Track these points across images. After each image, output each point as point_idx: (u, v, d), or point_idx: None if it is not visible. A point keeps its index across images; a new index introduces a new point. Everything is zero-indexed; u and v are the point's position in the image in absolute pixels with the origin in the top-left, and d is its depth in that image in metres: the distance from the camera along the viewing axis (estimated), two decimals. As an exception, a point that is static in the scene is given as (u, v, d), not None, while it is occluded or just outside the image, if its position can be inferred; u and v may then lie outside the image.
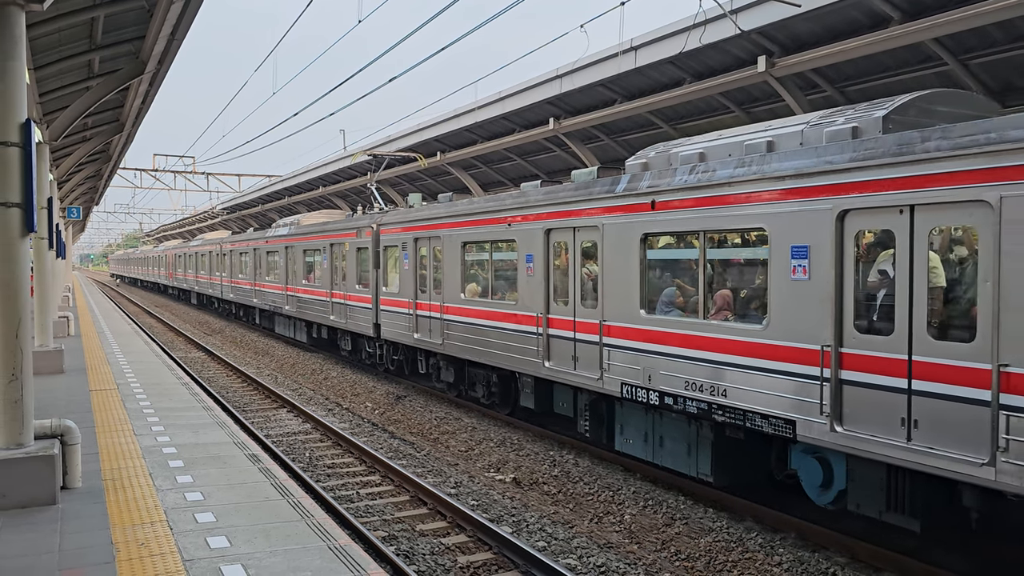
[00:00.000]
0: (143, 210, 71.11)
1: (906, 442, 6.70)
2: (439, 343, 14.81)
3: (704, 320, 8.90)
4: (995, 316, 6.07)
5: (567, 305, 11.20)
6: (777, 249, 7.94)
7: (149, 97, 15.45)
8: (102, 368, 15.68)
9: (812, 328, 7.53)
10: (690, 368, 8.98)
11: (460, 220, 14.06)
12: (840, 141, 7.58)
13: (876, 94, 13.15)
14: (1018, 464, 5.87)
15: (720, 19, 11.96)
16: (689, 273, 9.39)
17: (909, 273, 6.75)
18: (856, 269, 7.25)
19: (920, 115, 7.66)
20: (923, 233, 6.67)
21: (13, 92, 6.93)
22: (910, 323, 6.74)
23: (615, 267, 10.13)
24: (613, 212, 10.11)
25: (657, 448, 9.96)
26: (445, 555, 7.97)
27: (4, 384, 6.91)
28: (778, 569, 7.66)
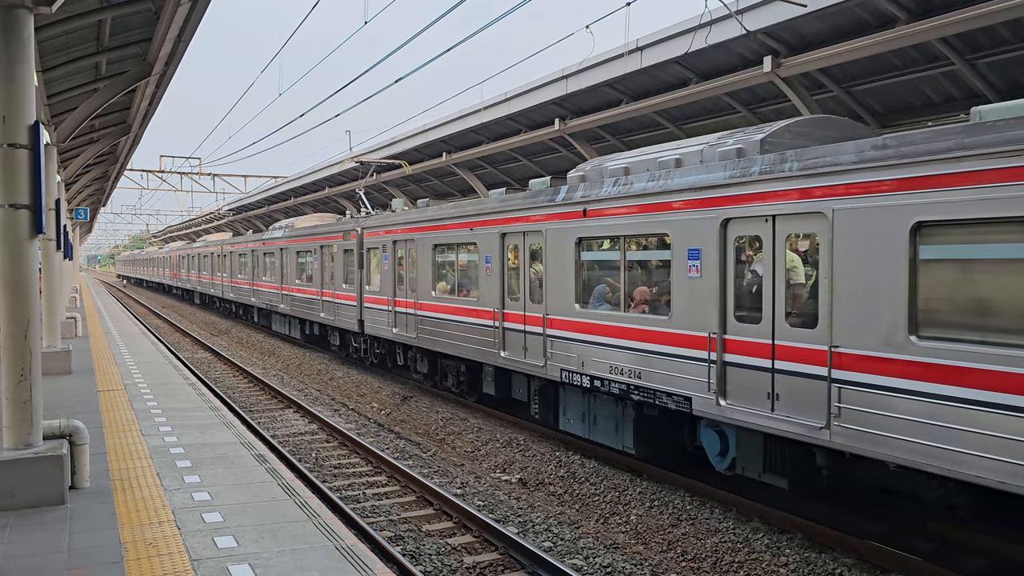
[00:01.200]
0: (150, 211, 71.40)
1: (771, 412, 8.05)
2: (414, 337, 16.07)
3: (625, 313, 10.25)
4: (830, 306, 7.41)
5: (518, 301, 12.51)
6: (677, 251, 9.27)
7: (156, 99, 15.50)
8: (109, 369, 15.74)
9: (703, 318, 8.87)
10: (614, 355, 10.29)
11: (431, 225, 15.40)
12: (726, 160, 8.85)
13: (883, 94, 13.13)
14: (847, 427, 7.26)
15: (726, 19, 11.94)
16: (615, 272, 10.61)
17: (772, 272, 8.08)
18: (736, 268, 8.61)
19: (794, 138, 8.86)
20: (782, 239, 8.01)
21: (22, 94, 6.97)
22: (773, 313, 8.07)
23: (556, 267, 11.45)
24: (554, 219, 11.45)
25: (592, 426, 11.28)
26: (451, 555, 7.98)
27: (13, 385, 6.94)
28: (784, 570, 7.65)
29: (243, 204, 47.47)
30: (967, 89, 12.03)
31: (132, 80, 12.86)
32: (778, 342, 7.96)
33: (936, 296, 6.71)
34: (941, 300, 6.71)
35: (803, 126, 9.10)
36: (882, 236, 6.97)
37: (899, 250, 6.82)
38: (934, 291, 6.70)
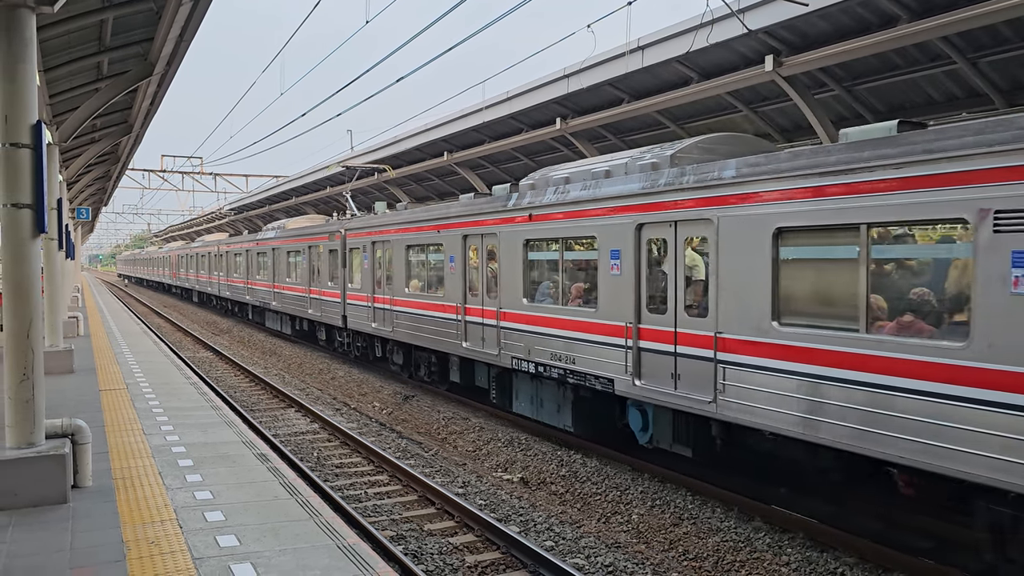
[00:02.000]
0: (151, 211, 71.46)
1: (674, 390, 9.40)
2: (390, 331, 17.42)
3: (563, 306, 11.57)
4: (716, 298, 8.76)
5: (477, 297, 13.78)
6: (603, 252, 10.58)
7: (157, 98, 15.52)
8: (111, 368, 15.76)
9: (623, 310, 10.23)
10: (555, 343, 11.61)
11: (405, 227, 16.68)
12: (642, 173, 10.11)
13: (885, 93, 13.13)
14: (728, 401, 8.62)
15: (727, 18, 11.94)
16: (556, 270, 11.89)
17: (675, 270, 9.44)
18: (648, 267, 9.99)
19: (701, 154, 9.97)
20: (682, 241, 9.35)
21: (24, 94, 6.98)
22: (676, 305, 9.43)
23: (508, 266, 12.74)
24: (506, 222, 12.75)
25: (539, 408, 12.57)
26: (453, 554, 7.99)
27: (15, 384, 6.95)
28: (786, 569, 7.65)
29: (244, 204, 47.52)
30: (969, 88, 12.03)
31: (134, 80, 12.87)
32: (679, 329, 9.38)
33: (792, 289, 8.10)
34: (795, 292, 8.11)
35: (710, 143, 10.25)
36: (753, 239, 8.29)
37: (765, 251, 8.16)
38: (790, 285, 8.10)
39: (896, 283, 7.27)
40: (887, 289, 7.25)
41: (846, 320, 7.38)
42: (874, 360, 7.06)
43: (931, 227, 7.04)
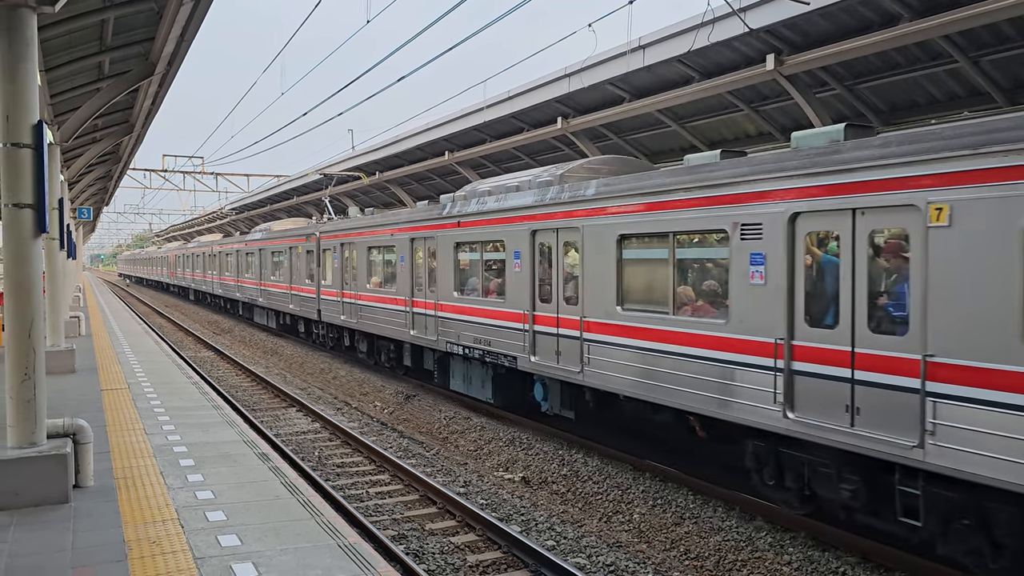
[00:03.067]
0: (153, 210, 71.41)
1: (557, 364, 11.65)
2: (356, 322, 19.67)
3: (483, 298, 13.73)
4: (583, 290, 11.06)
5: (422, 291, 15.98)
6: (509, 253, 12.83)
7: (159, 98, 15.51)
8: (113, 367, 15.77)
9: (522, 301, 12.44)
10: (477, 329, 13.70)
11: (367, 230, 18.87)
12: (538, 189, 12.38)
13: (886, 92, 13.11)
14: (591, 371, 10.88)
15: (728, 17, 11.92)
16: (478, 268, 14.05)
17: (559, 267, 11.70)
18: (540, 265, 12.17)
19: (587, 173, 12.05)
20: (561, 244, 11.63)
21: (25, 94, 6.98)
22: (558, 296, 11.70)
23: (443, 264, 14.96)
24: (442, 227, 14.96)
25: (469, 385, 14.70)
26: (455, 554, 7.99)
27: (17, 384, 6.96)
28: (788, 568, 7.64)
29: (243, 204, 47.61)
30: (971, 87, 12.01)
31: (135, 79, 12.87)
32: (560, 315, 11.69)
33: (629, 282, 10.46)
34: (632, 284, 10.47)
35: (595, 163, 12.53)
36: (605, 244, 10.58)
37: (612, 253, 10.47)
38: (628, 279, 10.44)
39: (692, 277, 9.72)
40: (687, 282, 9.70)
41: (662, 305, 9.74)
42: (679, 335, 9.38)
43: (709, 235, 9.24)
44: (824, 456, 7.80)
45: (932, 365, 6.61)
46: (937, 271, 6.59)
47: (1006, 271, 6.13)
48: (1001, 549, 6.61)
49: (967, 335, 6.39)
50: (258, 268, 29.55)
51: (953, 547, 6.89)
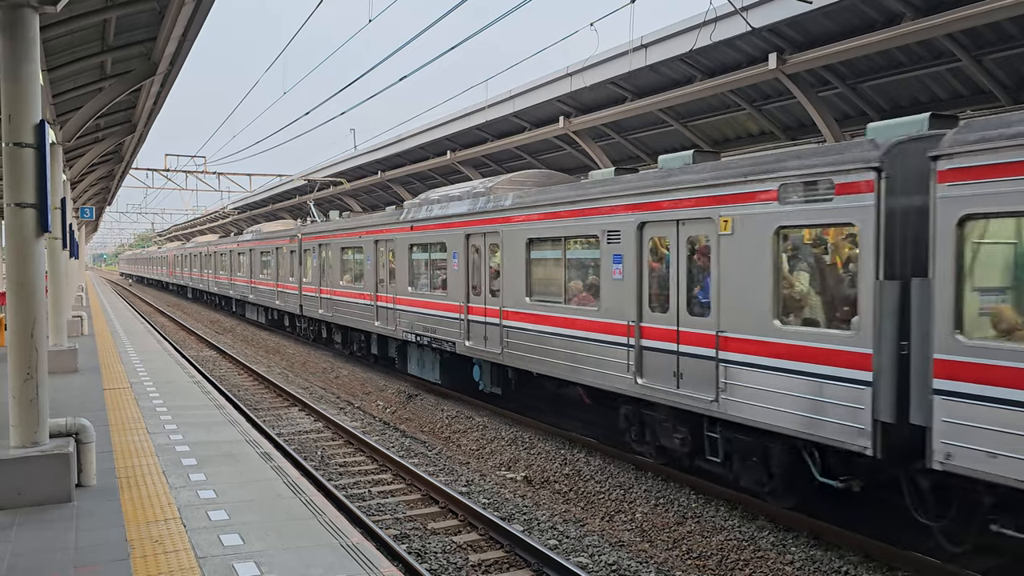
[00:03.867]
0: (155, 210, 71.39)
1: (484, 347, 13.76)
2: (331, 315, 21.85)
3: (431, 292, 15.89)
4: (501, 283, 13.23)
5: (384, 287, 18.15)
6: (450, 253, 15.01)
7: (161, 98, 15.51)
8: (115, 367, 15.78)
9: (460, 295, 14.58)
10: (427, 320, 15.92)
11: (340, 233, 21.08)
12: (472, 199, 14.56)
13: (889, 91, 13.09)
14: (509, 352, 13.00)
15: (731, 16, 11.91)
16: (427, 266, 16.36)
17: (486, 265, 13.82)
18: (472, 263, 14.33)
19: (512, 186, 13.99)
20: (489, 245, 13.72)
21: (27, 93, 6.98)
22: (485, 289, 13.87)
23: (400, 263, 17.27)
24: (399, 231, 17.34)
25: (422, 368, 16.88)
26: (457, 553, 7.98)
27: (20, 383, 6.96)
28: (790, 568, 7.63)
29: (242, 205, 47.76)
30: (973, 86, 11.99)
31: (137, 79, 12.87)
32: (486, 306, 13.81)
33: (535, 276, 12.61)
34: (537, 279, 12.58)
35: (521, 176, 14.56)
36: (517, 246, 12.77)
37: (523, 253, 12.64)
38: (535, 274, 12.61)
39: (578, 273, 11.74)
40: (576, 277, 11.73)
41: (557, 296, 11.98)
42: (570, 320, 11.55)
43: (588, 240, 11.31)
44: (664, 413, 10.10)
45: (722, 339, 8.86)
46: (725, 267, 8.80)
47: (764, 267, 8.32)
48: (772, 478, 8.75)
49: (743, 315, 8.61)
50: (248, 267, 31.80)
51: (747, 480, 9.06)
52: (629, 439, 10.99)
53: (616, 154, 18.82)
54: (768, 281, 8.26)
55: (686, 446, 9.80)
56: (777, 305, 8.23)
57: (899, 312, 7.23)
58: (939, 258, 6.77)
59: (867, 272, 7.34)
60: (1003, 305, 6.67)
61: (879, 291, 7.24)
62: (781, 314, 8.24)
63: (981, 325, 6.68)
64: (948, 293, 6.69)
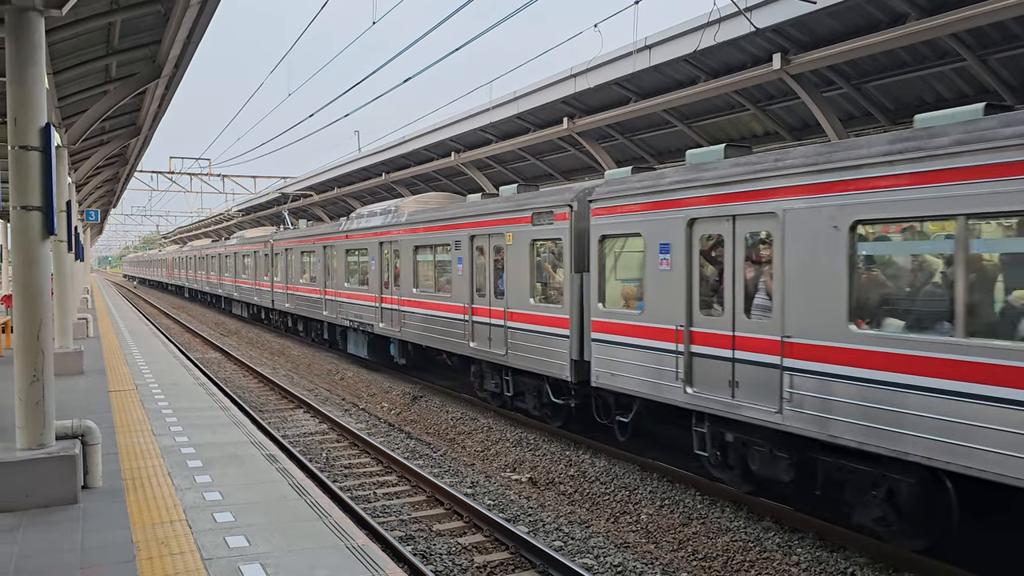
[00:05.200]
0: (160, 212, 71.58)
1: (391, 327, 18.03)
2: (293, 308, 26.65)
3: (359, 286, 20.17)
4: (402, 280, 17.35)
5: (330, 283, 22.62)
6: (371, 256, 19.34)
7: (166, 100, 15.54)
8: (121, 369, 15.82)
9: (376, 288, 18.81)
10: (357, 308, 20.36)
11: (300, 239, 25.89)
12: (384, 215, 18.95)
13: (894, 91, 13.05)
14: (406, 330, 17.40)
15: (735, 17, 11.89)
16: (357, 266, 20.54)
17: (392, 266, 17.95)
18: (385, 263, 18.37)
19: (416, 205, 18.07)
20: (392, 251, 17.95)
21: (33, 97, 7.00)
22: (391, 284, 18.10)
23: (340, 264, 21.72)
24: (338, 239, 21.87)
25: (357, 347, 21.13)
26: (462, 555, 7.98)
27: (26, 385, 6.98)
28: (796, 569, 7.62)
29: (248, 207, 48.04)
30: (978, 85, 11.95)
31: (142, 82, 12.90)
32: (392, 296, 18.02)
33: (420, 274, 16.30)
34: (421, 275, 16.32)
35: (424, 198, 18.48)
36: (408, 250, 17.01)
37: (411, 256, 16.97)
38: (420, 272, 16.60)
39: (442, 270, 15.89)
40: (441, 274, 15.57)
41: (430, 288, 16.29)
42: (438, 305, 15.62)
43: (447, 247, 15.41)
44: (456, 359, 15.42)
45: (503, 312, 13.81)
46: (511, 263, 13.52)
47: (527, 264, 13.00)
48: (544, 406, 13.37)
49: (519, 296, 13.35)
50: (233, 268, 36.43)
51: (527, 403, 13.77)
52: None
53: (620, 155, 18.81)
54: (528, 274, 12.92)
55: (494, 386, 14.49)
56: (533, 290, 12.85)
57: (580, 293, 11.66)
58: (592, 260, 11.27)
59: (567, 268, 11.85)
60: (626, 286, 10.97)
61: (571, 280, 11.76)
62: (537, 296, 12.79)
63: (614, 300, 11.08)
64: (596, 281, 11.22)
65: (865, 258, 7.71)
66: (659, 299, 9.96)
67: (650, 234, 10.10)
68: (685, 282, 9.49)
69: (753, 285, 8.73)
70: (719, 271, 9.16)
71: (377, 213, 19.58)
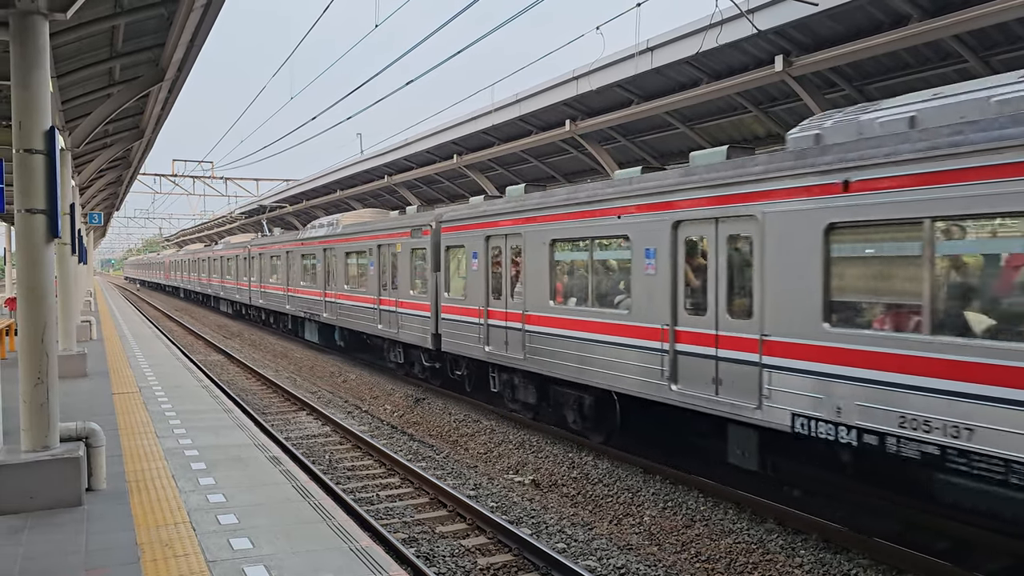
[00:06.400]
0: (163, 215, 71.69)
1: (331, 316, 22.82)
2: (265, 303, 31.31)
3: (312, 284, 24.39)
4: (333, 277, 22.70)
5: (293, 282, 26.81)
6: (318, 260, 23.94)
7: (169, 103, 15.58)
8: (124, 371, 15.85)
9: (321, 285, 23.67)
10: (308, 302, 24.78)
11: (270, 245, 30.40)
12: (328, 227, 23.45)
13: (896, 92, 13.05)
14: (343, 319, 21.94)
15: (737, 19, 11.90)
16: (310, 268, 24.74)
17: (334, 267, 22.61)
18: (327, 265, 23.08)
19: (354, 219, 22.85)
20: (331, 256, 22.84)
21: (38, 100, 7.03)
22: (331, 281, 23.00)
23: (297, 267, 26.25)
24: (295, 246, 26.47)
25: (312, 334, 25.90)
26: (465, 557, 7.99)
27: (30, 388, 7.00)
28: (799, 571, 7.61)
29: (249, 210, 48.24)
30: (981, 87, 11.94)
31: (145, 85, 12.94)
32: (331, 291, 21.87)
33: (350, 273, 20.94)
34: (350, 275, 21.18)
35: (364, 215, 22.68)
36: (343, 256, 21.77)
37: (343, 260, 21.70)
38: (350, 272, 21.17)
39: (359, 270, 20.16)
40: (367, 274, 19.55)
41: (361, 285, 19.92)
42: (354, 297, 20.49)
43: (366, 252, 19.55)
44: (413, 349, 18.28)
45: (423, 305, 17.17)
46: (402, 265, 17.94)
47: (410, 265, 17.38)
48: (414, 365, 17.78)
49: (414, 288, 17.41)
50: (220, 270, 41.19)
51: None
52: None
53: (622, 157, 18.82)
54: (409, 273, 17.47)
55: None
56: (412, 284, 17.32)
57: (436, 287, 16.04)
58: (442, 263, 16.01)
59: (430, 268, 16.27)
60: (460, 281, 15.31)
61: (432, 277, 16.15)
62: (416, 289, 17.13)
63: (455, 290, 15.49)
64: (443, 278, 15.77)
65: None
66: (473, 290, 14.64)
67: (469, 245, 14.85)
68: (485, 278, 14.21)
69: (497, 279, 14.16)
70: (500, 271, 13.85)
71: (324, 225, 24.16)
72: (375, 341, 20.49)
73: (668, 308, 9.69)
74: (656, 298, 9.88)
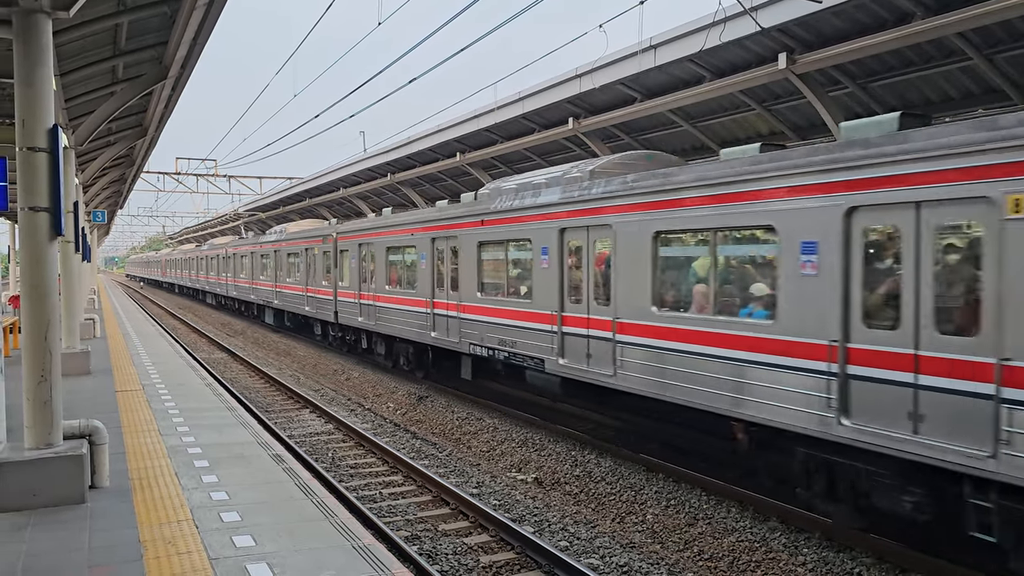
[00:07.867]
0: (166, 213, 71.81)
1: (312, 311, 25.02)
2: (238, 295, 36.09)
3: (267, 279, 30.45)
4: (308, 277, 25.69)
5: (280, 279, 28.60)
6: (271, 259, 30.14)
7: (172, 101, 15.58)
8: (128, 369, 15.88)
9: (273, 278, 29.71)
10: (265, 293, 30.95)
11: (251, 245, 33.59)
12: (279, 233, 30.34)
13: (900, 90, 13.02)
14: (314, 309, 25.06)
15: (740, 16, 11.87)
16: (282, 267, 28.26)
17: (313, 267, 25.00)
18: (307, 265, 25.52)
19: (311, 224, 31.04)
20: (310, 255, 25.22)
21: (41, 98, 7.04)
22: (312, 279, 24.82)
23: (271, 266, 29.77)
24: (273, 247, 29.69)
25: (268, 319, 32.11)
26: (468, 555, 7.99)
27: (34, 385, 7.02)
28: (802, 569, 7.61)
29: (250, 209, 48.47)
30: (985, 84, 11.92)
31: (148, 83, 12.94)
32: (279, 284, 28.84)
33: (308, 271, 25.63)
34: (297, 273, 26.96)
35: (301, 223, 29.60)
36: (319, 256, 24.02)
37: (321, 260, 23.89)
38: (285, 270, 28.64)
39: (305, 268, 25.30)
40: (295, 269, 26.45)
41: (296, 280, 26.47)
42: (292, 288, 27.13)
43: (310, 250, 24.63)
44: (325, 325, 24.07)
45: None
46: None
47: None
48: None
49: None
50: (205, 268, 46.73)
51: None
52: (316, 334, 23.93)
53: (625, 155, 18.77)
54: (322, 269, 23.22)
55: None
56: (325, 278, 22.69)
57: (335, 278, 21.86)
58: (339, 262, 22.18)
59: (332, 266, 22.21)
60: (350, 273, 20.36)
61: (333, 273, 22.20)
62: (327, 281, 22.53)
63: (345, 281, 21.53)
64: (340, 273, 22.15)
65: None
66: (352, 280, 20.69)
67: (351, 250, 20.94)
68: (358, 271, 20.24)
69: (363, 272, 19.77)
70: (366, 266, 19.15)
71: (276, 232, 30.13)
72: (309, 321, 26.47)
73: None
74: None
